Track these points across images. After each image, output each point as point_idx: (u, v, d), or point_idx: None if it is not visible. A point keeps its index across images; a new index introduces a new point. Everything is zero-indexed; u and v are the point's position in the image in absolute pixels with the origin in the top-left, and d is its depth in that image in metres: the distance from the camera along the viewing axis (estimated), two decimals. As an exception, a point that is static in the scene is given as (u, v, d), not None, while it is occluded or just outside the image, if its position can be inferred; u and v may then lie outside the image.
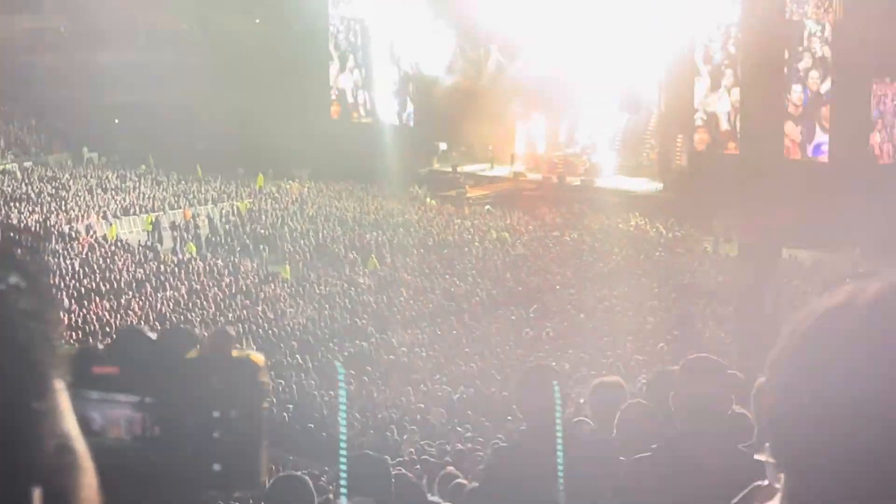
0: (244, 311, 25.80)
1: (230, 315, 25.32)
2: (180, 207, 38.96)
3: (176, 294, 27.36)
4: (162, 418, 0.96)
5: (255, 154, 44.85)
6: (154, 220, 36.74)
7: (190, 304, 26.30)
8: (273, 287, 28.30)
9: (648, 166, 40.98)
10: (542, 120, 45.95)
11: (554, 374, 4.12)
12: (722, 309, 23.60)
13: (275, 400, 17.52)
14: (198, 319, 24.83)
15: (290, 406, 17.75)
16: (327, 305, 26.11)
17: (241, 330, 22.67)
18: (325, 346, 22.70)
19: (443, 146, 46.60)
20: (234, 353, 0.98)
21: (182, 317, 25.17)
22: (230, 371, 0.96)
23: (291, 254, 32.11)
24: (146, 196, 41.15)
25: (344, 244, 33.12)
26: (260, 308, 26.12)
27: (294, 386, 18.79)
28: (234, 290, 27.97)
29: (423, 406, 17.56)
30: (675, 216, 34.36)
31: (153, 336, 0.99)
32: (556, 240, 32.83)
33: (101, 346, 1.00)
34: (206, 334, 1.00)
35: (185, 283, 28.42)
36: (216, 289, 27.93)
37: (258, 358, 1.00)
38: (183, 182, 43.76)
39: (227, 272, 29.78)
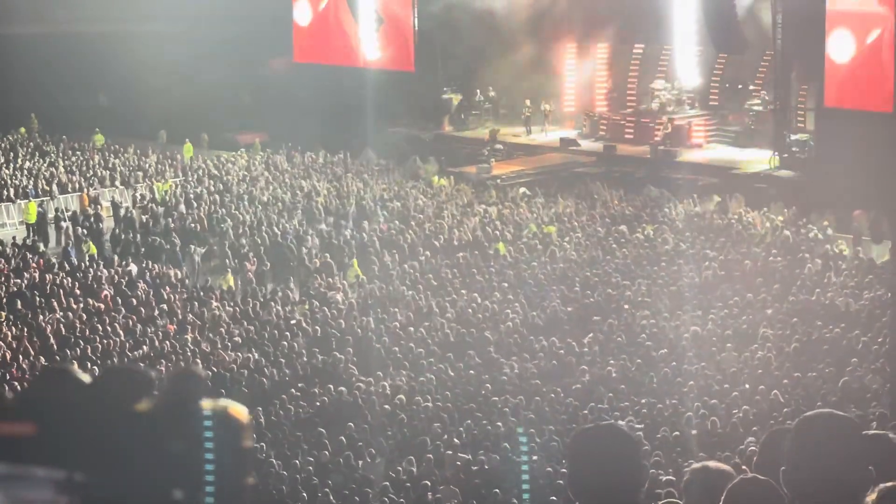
0: (166, 343, 25.87)
1: (145, 348, 25.49)
2: (75, 190, 39.08)
3: (67, 316, 27.43)
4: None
5: (183, 112, 44.60)
6: (38, 207, 36.88)
7: (87, 332, 26.38)
8: (209, 305, 28.44)
9: (756, 130, 40.98)
10: (605, 62, 45.79)
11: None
12: (867, 340, 23.63)
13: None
14: (97, 353, 24.89)
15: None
16: (288, 333, 26.30)
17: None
18: (284, 392, 22.53)
19: (456, 100, 46.51)
20: (206, 404, 1.00)
21: (73, 350, 25.12)
22: (199, 431, 0.97)
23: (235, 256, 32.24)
24: (26, 172, 41.25)
25: (313, 243, 33.09)
26: (189, 337, 26.24)
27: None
28: (152, 310, 28.12)
29: (428, 484, 17.64)
30: (795, 204, 34.36)
31: (86, 379, 1.01)
32: (623, 238, 32.92)
33: (9, 395, 1.00)
34: (163, 376, 1.01)
35: (81, 299, 28.57)
36: (125, 307, 28.03)
37: (240, 412, 1.05)
38: (79, 153, 43.92)
39: (141, 283, 29.94)
